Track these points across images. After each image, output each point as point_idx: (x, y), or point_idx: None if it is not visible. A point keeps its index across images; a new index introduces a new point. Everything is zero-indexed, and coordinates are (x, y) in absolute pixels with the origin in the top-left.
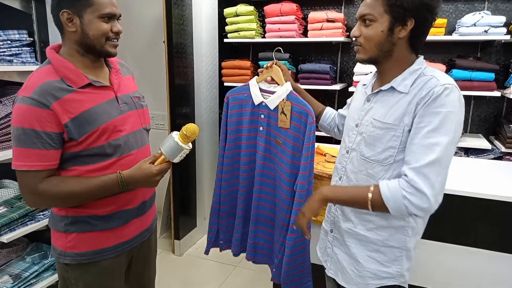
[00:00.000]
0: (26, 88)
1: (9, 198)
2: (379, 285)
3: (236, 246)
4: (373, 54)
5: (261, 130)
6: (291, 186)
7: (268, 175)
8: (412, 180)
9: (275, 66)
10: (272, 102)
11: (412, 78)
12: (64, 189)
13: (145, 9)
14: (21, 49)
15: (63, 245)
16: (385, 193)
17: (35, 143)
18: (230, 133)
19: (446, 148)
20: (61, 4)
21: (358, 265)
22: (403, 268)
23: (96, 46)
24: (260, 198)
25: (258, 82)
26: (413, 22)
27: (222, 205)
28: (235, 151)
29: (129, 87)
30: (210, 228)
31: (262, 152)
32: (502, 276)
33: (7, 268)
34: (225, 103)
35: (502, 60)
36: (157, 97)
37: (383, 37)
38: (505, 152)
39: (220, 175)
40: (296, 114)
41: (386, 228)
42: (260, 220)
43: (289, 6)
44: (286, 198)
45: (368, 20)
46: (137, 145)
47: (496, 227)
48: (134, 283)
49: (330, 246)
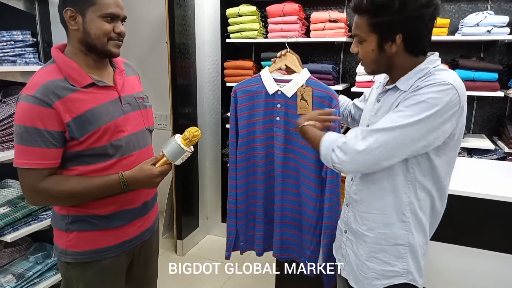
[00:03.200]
0: (30, 86)
1: (13, 198)
2: (387, 284)
3: (259, 245)
4: (373, 68)
5: (278, 120)
6: (318, 173)
7: (290, 166)
8: (355, 135)
9: (290, 54)
10: (289, 89)
11: (417, 76)
12: (65, 188)
13: (147, 9)
14: (24, 50)
15: (64, 244)
16: (323, 140)
17: (37, 141)
18: (241, 128)
19: (401, 127)
20: (66, 2)
21: (364, 266)
22: (410, 265)
23: (98, 45)
24: (284, 191)
25: (271, 72)
26: (401, 37)
27: (239, 205)
28: (249, 146)
29: (133, 87)
30: (229, 231)
31: (281, 143)
32: (507, 277)
33: (11, 268)
34: (233, 98)
35: (505, 60)
36: (159, 97)
37: (375, 55)
38: (508, 152)
39: (235, 173)
40: (318, 99)
41: (388, 225)
42: (286, 214)
43: (292, 6)
44: (314, 186)
45: (359, 40)
46: (139, 146)
47: (500, 228)
48: (136, 283)
49: (344, 247)
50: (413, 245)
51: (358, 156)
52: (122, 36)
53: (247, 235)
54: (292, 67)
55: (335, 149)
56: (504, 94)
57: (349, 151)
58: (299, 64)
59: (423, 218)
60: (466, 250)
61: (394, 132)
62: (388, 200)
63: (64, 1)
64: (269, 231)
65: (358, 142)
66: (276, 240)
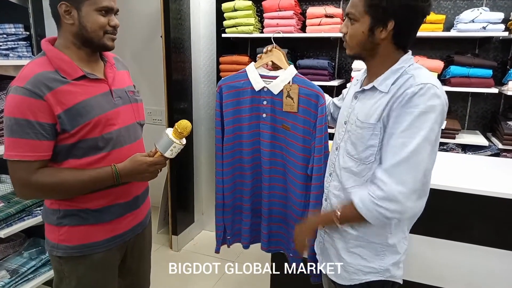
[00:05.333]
0: (20, 78)
1: (6, 193)
2: (364, 280)
3: (246, 238)
4: (356, 51)
5: (265, 117)
6: (304, 171)
7: (277, 162)
8: (381, 181)
9: (276, 49)
10: (276, 86)
11: (394, 77)
12: (57, 180)
13: (142, 3)
14: (17, 43)
15: (56, 238)
16: (359, 205)
17: (28, 133)
18: (227, 123)
19: (417, 146)
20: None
21: (342, 260)
22: (387, 263)
23: (94, 39)
24: (271, 187)
25: (257, 67)
26: (393, 23)
27: (226, 200)
28: (235, 142)
29: (124, 81)
30: (217, 226)
31: (268, 139)
32: (497, 272)
33: (4, 263)
34: (218, 93)
35: (500, 56)
36: (154, 92)
37: (364, 38)
38: (502, 148)
39: (221, 169)
40: (304, 96)
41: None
42: (273, 208)
43: (288, 1)
44: (300, 183)
45: (352, 19)
46: (129, 139)
47: (492, 224)
48: (129, 277)
49: (322, 241)
50: (391, 245)
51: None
52: (116, 28)
53: (234, 228)
54: (278, 63)
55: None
56: (498, 90)
57: (395, 199)
58: (285, 60)
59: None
60: (458, 245)
61: (412, 158)
62: None
63: None
64: (256, 225)
65: (392, 187)
66: (264, 234)
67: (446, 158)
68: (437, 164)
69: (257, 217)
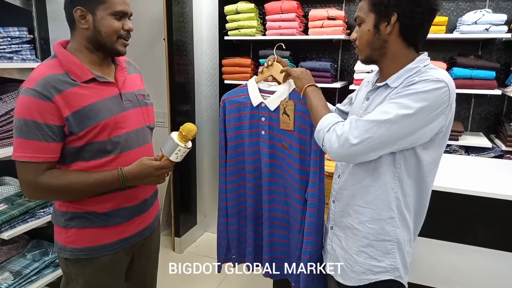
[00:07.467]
0: (30, 80)
1: (10, 195)
2: (374, 280)
3: (250, 260)
4: (367, 53)
5: (263, 134)
6: (302, 194)
7: (278, 183)
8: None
9: (275, 63)
10: (272, 102)
11: (408, 75)
12: (64, 182)
13: (145, 6)
14: (21, 46)
15: (63, 240)
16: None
17: (36, 134)
18: (230, 139)
19: (393, 121)
20: (74, 1)
21: (351, 259)
22: (397, 262)
23: (107, 43)
24: (271, 209)
25: (257, 82)
26: (396, 16)
27: (229, 218)
28: (238, 159)
29: (134, 84)
30: (220, 243)
31: (267, 158)
32: (501, 274)
33: (8, 265)
34: (222, 108)
35: (503, 58)
36: (157, 95)
37: (371, 36)
38: (506, 150)
39: (225, 186)
40: (300, 114)
41: (377, 221)
42: (274, 239)
43: (290, 3)
44: (299, 208)
45: (359, 22)
46: (138, 143)
47: (496, 226)
48: (136, 280)
49: (330, 243)
50: (400, 242)
51: (350, 147)
52: (130, 33)
53: (240, 247)
54: (278, 77)
55: (331, 132)
56: (501, 92)
57: (341, 140)
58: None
59: (407, 215)
60: (461, 247)
61: (386, 125)
62: (377, 195)
63: (72, 0)
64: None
65: (351, 132)
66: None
67: (449, 160)
68: (440, 166)
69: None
